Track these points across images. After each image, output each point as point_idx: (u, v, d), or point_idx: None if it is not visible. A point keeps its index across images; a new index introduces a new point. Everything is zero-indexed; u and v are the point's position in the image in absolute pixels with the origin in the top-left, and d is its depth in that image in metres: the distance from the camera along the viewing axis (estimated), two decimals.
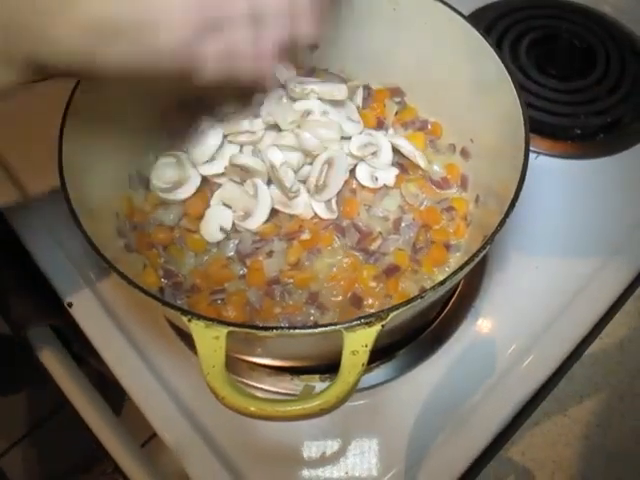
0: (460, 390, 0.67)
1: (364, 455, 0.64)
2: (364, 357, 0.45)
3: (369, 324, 0.45)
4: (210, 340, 0.45)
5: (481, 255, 0.50)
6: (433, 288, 0.48)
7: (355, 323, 0.45)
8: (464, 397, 0.66)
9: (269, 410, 0.42)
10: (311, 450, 0.65)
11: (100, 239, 0.53)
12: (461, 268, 0.49)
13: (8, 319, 0.84)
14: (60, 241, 0.75)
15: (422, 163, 0.70)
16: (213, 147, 0.66)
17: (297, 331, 0.46)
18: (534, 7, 0.97)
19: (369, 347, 0.45)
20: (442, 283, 0.48)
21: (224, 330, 0.45)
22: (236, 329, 0.45)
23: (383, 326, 0.45)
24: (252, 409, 0.42)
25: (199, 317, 0.46)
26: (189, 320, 0.46)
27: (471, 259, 0.49)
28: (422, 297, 0.47)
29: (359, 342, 0.45)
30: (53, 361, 0.78)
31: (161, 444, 0.66)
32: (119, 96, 0.65)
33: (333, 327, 0.45)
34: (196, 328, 0.46)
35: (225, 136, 0.68)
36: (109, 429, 0.72)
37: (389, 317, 0.46)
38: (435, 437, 0.64)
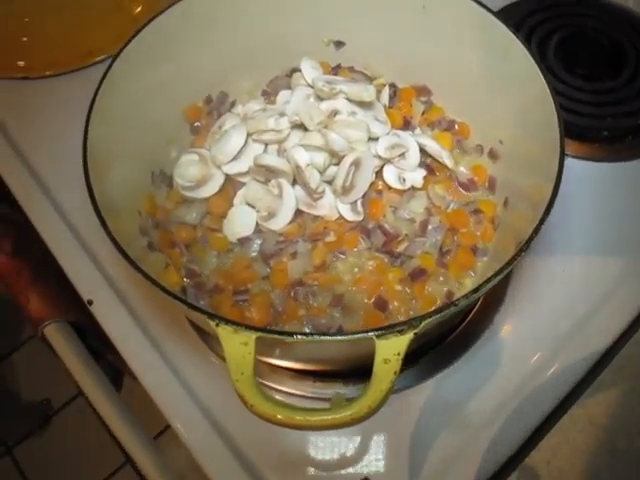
0: (484, 397, 0.65)
1: (384, 461, 0.63)
2: (396, 365, 0.43)
3: (401, 332, 0.44)
4: (238, 346, 0.44)
5: (515, 262, 0.49)
6: (466, 296, 0.47)
7: (387, 331, 0.44)
8: (488, 404, 0.65)
9: (299, 419, 0.41)
10: (326, 454, 0.64)
11: (123, 238, 0.53)
12: (495, 275, 0.47)
13: (27, 314, 0.84)
14: (81, 238, 0.75)
15: (449, 163, 0.69)
16: (237, 146, 0.66)
17: (328, 337, 0.45)
18: (562, 5, 0.95)
19: (401, 355, 0.44)
20: (475, 291, 0.47)
21: (253, 335, 0.44)
22: (265, 335, 0.44)
23: (416, 334, 0.44)
24: (282, 418, 0.41)
25: (227, 322, 0.45)
26: (217, 325, 0.45)
27: (506, 266, 0.48)
28: (455, 305, 0.46)
29: (391, 350, 0.44)
30: (71, 356, 0.78)
31: (173, 437, 0.65)
32: (143, 92, 0.65)
33: (365, 334, 0.44)
34: (224, 333, 0.45)
35: (249, 134, 0.67)
36: (123, 422, 0.72)
37: (422, 325, 0.45)
38: (459, 445, 0.63)
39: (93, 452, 1.60)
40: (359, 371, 0.64)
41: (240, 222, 0.66)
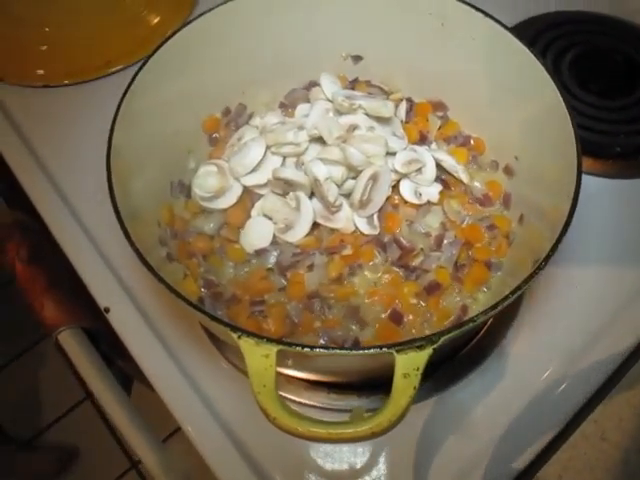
0: (495, 412, 0.66)
1: (395, 474, 0.63)
2: (415, 380, 0.44)
3: (421, 347, 0.45)
4: (260, 358, 0.45)
5: (532, 280, 0.49)
6: (484, 312, 0.47)
7: (407, 346, 0.45)
8: (499, 419, 0.65)
9: (321, 433, 0.42)
10: (336, 464, 0.64)
11: (143, 248, 0.53)
12: (513, 292, 0.48)
13: (41, 320, 0.85)
14: (98, 246, 0.75)
15: (465, 178, 0.69)
16: (256, 159, 0.66)
17: (348, 352, 0.45)
18: (576, 22, 0.95)
19: (421, 370, 0.45)
20: (494, 307, 0.47)
21: (274, 348, 0.45)
22: (287, 348, 0.45)
23: (435, 349, 0.45)
24: (303, 431, 0.42)
25: (249, 334, 0.45)
26: (239, 337, 0.45)
27: (523, 283, 0.49)
28: (474, 321, 0.47)
29: (411, 365, 0.44)
30: (84, 362, 0.79)
31: (179, 441, 0.66)
32: (165, 102, 0.66)
33: (385, 349, 0.45)
34: (246, 345, 0.45)
35: (268, 147, 0.67)
36: (135, 426, 0.73)
37: (441, 340, 0.45)
38: (469, 460, 0.63)
39: (97, 457, 1.61)
40: (373, 383, 0.65)
41: (257, 233, 0.67)
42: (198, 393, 0.67)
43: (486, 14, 0.65)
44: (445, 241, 0.66)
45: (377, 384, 0.64)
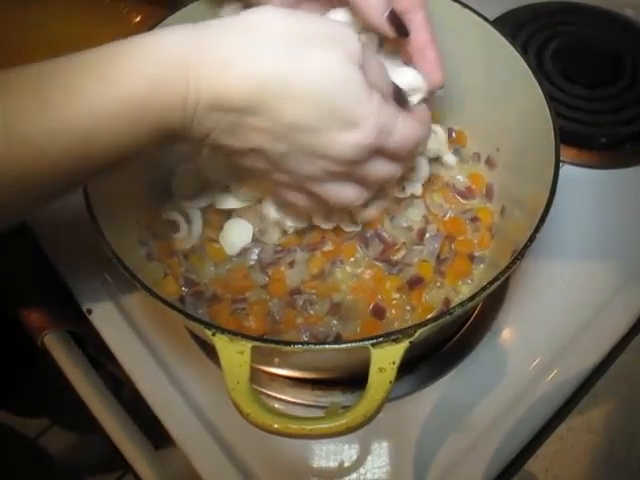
0: (482, 405, 0.65)
1: (387, 468, 0.63)
2: (392, 374, 0.44)
3: (396, 340, 0.44)
4: (234, 355, 0.44)
5: (510, 270, 0.49)
6: (461, 304, 0.47)
7: (382, 340, 0.44)
8: (486, 412, 0.65)
9: (295, 428, 0.42)
10: (330, 463, 0.64)
11: (122, 248, 0.53)
12: (491, 283, 0.48)
13: (26, 324, 0.84)
14: (80, 247, 0.75)
15: (452, 161, 0.70)
16: None
17: (323, 347, 0.45)
18: (559, 13, 0.95)
19: (397, 364, 0.44)
20: (471, 299, 0.47)
21: (249, 345, 0.44)
22: (261, 344, 0.45)
23: (411, 342, 0.45)
24: (277, 427, 0.42)
25: (223, 331, 0.45)
26: (213, 334, 0.45)
27: (501, 274, 0.48)
28: (450, 313, 0.46)
29: (386, 359, 0.44)
30: (71, 366, 0.78)
31: (175, 447, 0.65)
32: None
33: (360, 343, 0.44)
34: (220, 342, 0.45)
35: None
36: (124, 432, 0.71)
37: (417, 333, 0.45)
38: (455, 454, 0.63)
39: (93, 461, 1.60)
40: (357, 379, 0.64)
41: (237, 234, 0.66)
42: (184, 395, 0.67)
43: (464, 5, 0.64)
44: (427, 235, 0.66)
45: (361, 380, 0.63)
